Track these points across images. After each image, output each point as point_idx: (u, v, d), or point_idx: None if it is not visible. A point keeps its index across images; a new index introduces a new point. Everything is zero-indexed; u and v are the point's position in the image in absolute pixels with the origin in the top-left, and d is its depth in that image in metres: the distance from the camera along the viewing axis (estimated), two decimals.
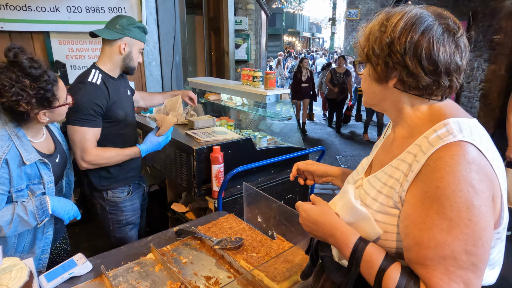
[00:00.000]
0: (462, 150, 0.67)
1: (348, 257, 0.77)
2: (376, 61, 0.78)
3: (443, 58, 0.73)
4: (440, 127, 0.73)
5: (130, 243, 1.47)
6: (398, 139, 0.86)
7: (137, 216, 1.94)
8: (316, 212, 0.86)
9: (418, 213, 0.70)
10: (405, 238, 0.73)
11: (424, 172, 0.70)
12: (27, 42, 2.72)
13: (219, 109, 3.11)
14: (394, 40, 0.74)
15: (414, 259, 0.70)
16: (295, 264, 1.20)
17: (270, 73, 2.28)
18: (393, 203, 0.77)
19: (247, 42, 6.47)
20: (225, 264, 1.30)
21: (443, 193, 0.66)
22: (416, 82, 0.75)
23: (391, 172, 0.80)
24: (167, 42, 3.44)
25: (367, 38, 0.81)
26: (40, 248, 1.43)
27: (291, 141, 2.64)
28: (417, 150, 0.74)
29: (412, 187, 0.73)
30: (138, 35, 1.74)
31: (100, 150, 1.65)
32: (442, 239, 0.66)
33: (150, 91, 3.43)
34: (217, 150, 1.88)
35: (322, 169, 1.20)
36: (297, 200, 2.43)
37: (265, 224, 1.52)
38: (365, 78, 0.86)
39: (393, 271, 0.72)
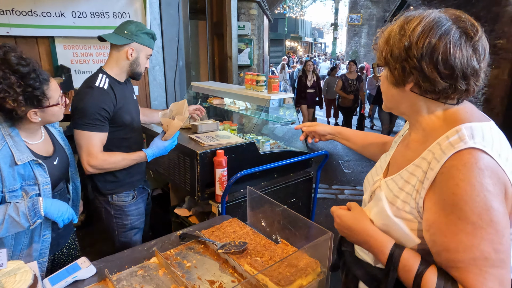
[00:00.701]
0: (473, 157, 0.70)
1: (384, 263, 0.80)
2: (393, 65, 0.80)
3: (460, 62, 0.73)
4: (452, 134, 0.75)
5: (133, 247, 1.47)
6: (412, 142, 0.89)
7: (141, 220, 1.94)
8: (350, 218, 0.88)
9: (441, 220, 0.73)
10: (433, 245, 0.76)
11: (439, 180, 0.73)
12: (33, 47, 2.75)
13: (222, 113, 3.12)
14: (412, 45, 0.75)
15: (446, 264, 0.74)
16: (299, 269, 1.19)
17: (273, 78, 2.29)
18: (409, 208, 0.80)
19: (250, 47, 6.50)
20: (229, 268, 1.30)
21: (462, 199, 0.70)
22: (432, 86, 0.77)
23: (407, 177, 0.83)
24: (170, 47, 3.46)
25: (386, 41, 0.82)
26: (38, 251, 1.41)
27: (294, 145, 2.64)
28: (431, 157, 0.77)
29: (429, 195, 0.76)
30: (146, 41, 1.74)
31: (107, 155, 1.65)
32: (469, 242, 0.70)
33: (153, 95, 3.45)
34: (221, 154, 1.88)
35: (323, 129, 1.41)
36: (300, 204, 2.43)
37: (269, 228, 1.51)
38: (383, 81, 0.88)
39: (430, 274, 0.75)
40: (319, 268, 1.22)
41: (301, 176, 2.39)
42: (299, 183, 2.36)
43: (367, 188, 1.02)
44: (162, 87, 3.52)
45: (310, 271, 1.19)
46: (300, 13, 29.01)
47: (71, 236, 1.70)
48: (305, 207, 2.48)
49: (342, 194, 4.29)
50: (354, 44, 20.24)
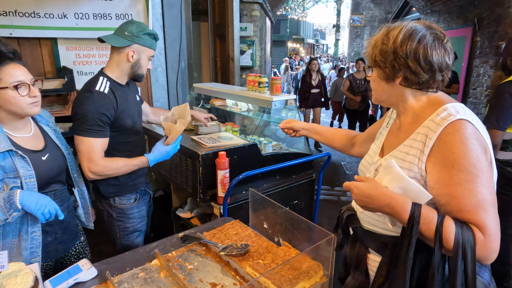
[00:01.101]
0: (463, 125, 0.91)
1: (406, 220, 0.91)
2: (384, 65, 1.01)
3: (436, 59, 0.96)
4: (441, 111, 0.96)
5: (135, 249, 1.46)
6: (404, 125, 1.08)
7: (143, 223, 1.92)
8: (368, 186, 0.97)
9: (444, 175, 0.91)
10: (441, 198, 0.92)
11: (438, 145, 0.93)
12: (35, 48, 2.76)
13: (225, 115, 3.11)
14: (397, 48, 0.97)
15: (456, 209, 0.89)
16: (301, 272, 1.18)
17: (275, 79, 2.28)
18: (413, 174, 0.98)
19: (252, 48, 6.50)
20: (231, 271, 1.29)
21: (459, 155, 0.89)
22: (417, 78, 0.98)
23: (406, 150, 1.02)
24: (172, 49, 3.46)
25: (373, 47, 1.04)
26: (27, 249, 1.36)
27: (297, 147, 2.63)
28: (427, 130, 0.97)
29: (430, 159, 0.95)
30: (148, 42, 1.68)
31: (108, 160, 1.62)
32: (471, 187, 0.87)
33: (155, 96, 3.45)
34: (223, 155, 1.88)
35: (298, 125, 1.62)
36: (302, 206, 2.42)
37: (271, 230, 1.50)
38: (374, 79, 1.09)
39: (448, 221, 0.87)
40: (322, 271, 1.21)
41: (303, 177, 2.38)
42: (301, 185, 2.35)
43: (367, 168, 1.19)
44: (164, 89, 3.52)
45: (312, 274, 1.18)
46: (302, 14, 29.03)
47: (77, 244, 1.66)
48: (307, 209, 2.47)
49: (344, 196, 4.28)
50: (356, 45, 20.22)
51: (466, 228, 0.86)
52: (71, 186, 1.62)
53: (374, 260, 1.13)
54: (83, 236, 1.72)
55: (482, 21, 5.82)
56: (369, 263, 1.15)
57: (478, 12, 5.94)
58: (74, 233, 1.61)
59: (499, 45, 5.33)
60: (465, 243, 0.84)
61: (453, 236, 0.85)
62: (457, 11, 6.61)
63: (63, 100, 2.84)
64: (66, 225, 1.54)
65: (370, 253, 1.15)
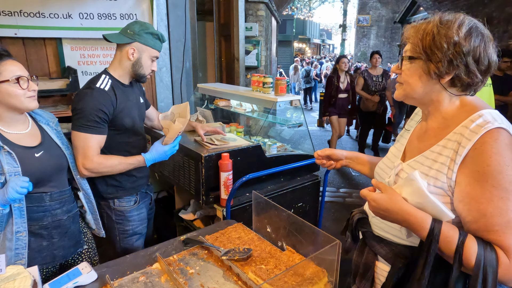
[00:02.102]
0: (501, 135, 0.83)
1: (424, 237, 0.86)
2: (438, 58, 0.88)
3: (493, 59, 0.88)
4: (476, 118, 0.87)
5: (136, 252, 1.44)
6: (432, 129, 0.99)
7: (143, 226, 1.89)
8: (385, 200, 0.91)
9: (476, 190, 0.83)
10: (468, 214, 0.85)
11: (472, 155, 0.84)
12: (40, 48, 2.75)
13: (229, 116, 3.09)
14: (460, 42, 0.85)
15: (483, 229, 0.83)
16: (305, 278, 1.15)
17: (280, 79, 2.25)
18: (440, 184, 0.90)
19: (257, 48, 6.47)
20: (233, 276, 1.26)
21: (495, 169, 0.81)
22: (469, 79, 0.89)
23: (434, 156, 0.93)
24: (177, 49, 3.45)
25: (425, 35, 0.90)
26: (12, 250, 1.33)
27: (302, 148, 2.59)
28: (459, 137, 0.88)
29: (462, 169, 0.86)
30: (150, 41, 1.67)
31: (103, 158, 1.60)
32: (505, 206, 0.81)
33: (160, 97, 3.44)
34: (226, 157, 1.85)
35: (338, 153, 1.36)
36: (307, 208, 2.38)
37: (274, 234, 1.47)
38: (412, 73, 0.95)
39: (470, 241, 0.83)
40: (326, 277, 1.18)
41: (308, 179, 2.34)
42: (306, 186, 2.32)
43: (386, 172, 1.10)
44: (168, 89, 3.51)
45: (316, 280, 1.15)
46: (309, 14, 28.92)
47: (78, 252, 1.62)
48: (313, 211, 2.43)
49: (350, 198, 4.23)
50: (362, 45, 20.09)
51: (490, 250, 0.81)
52: (77, 190, 1.60)
53: (382, 269, 1.06)
54: (88, 244, 1.68)
55: (491, 21, 5.72)
56: (376, 271, 1.08)
57: (488, 11, 5.85)
58: (74, 240, 1.57)
59: (509, 45, 5.24)
60: (487, 265, 0.80)
61: (475, 258, 0.81)
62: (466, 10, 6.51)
63: (67, 100, 2.84)
64: (65, 229, 1.50)
65: (379, 261, 1.08)
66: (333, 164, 1.37)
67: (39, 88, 2.42)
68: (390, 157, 1.13)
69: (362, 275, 1.09)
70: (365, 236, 1.11)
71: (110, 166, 1.62)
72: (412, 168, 0.97)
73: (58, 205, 1.46)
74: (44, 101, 2.79)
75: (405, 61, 0.96)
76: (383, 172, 1.12)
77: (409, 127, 1.14)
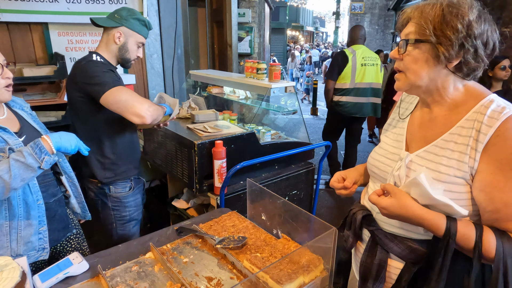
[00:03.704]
0: None
1: (441, 236, 0.84)
2: (449, 42, 0.82)
3: (497, 44, 0.86)
4: (489, 103, 0.85)
5: (128, 241, 1.41)
6: (439, 117, 0.94)
7: (139, 212, 1.90)
8: (396, 207, 0.87)
9: (498, 179, 0.81)
10: (490, 204, 0.83)
11: (495, 142, 0.81)
12: (26, 34, 2.66)
13: (222, 103, 3.04)
14: (472, 24, 0.81)
15: (504, 218, 0.82)
16: (301, 266, 1.13)
17: (274, 65, 2.21)
18: (461, 173, 0.86)
19: (250, 35, 6.37)
20: (228, 264, 1.24)
21: None
22: (476, 64, 0.85)
23: (450, 146, 0.88)
24: (168, 35, 3.36)
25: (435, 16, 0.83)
26: (36, 218, 1.34)
27: (296, 135, 2.57)
28: (476, 124, 0.84)
29: (483, 157, 0.83)
30: (136, 27, 1.70)
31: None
32: None
33: (151, 84, 3.37)
34: (220, 145, 1.82)
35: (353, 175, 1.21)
36: (302, 196, 2.37)
37: (269, 222, 1.45)
38: (417, 59, 0.87)
39: (488, 235, 0.82)
40: (322, 265, 1.17)
41: (302, 167, 2.32)
42: (300, 174, 2.30)
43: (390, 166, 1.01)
44: (160, 76, 3.44)
45: (312, 268, 1.14)
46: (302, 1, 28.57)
47: (72, 239, 1.60)
48: (307, 199, 2.43)
49: None
50: None
51: (507, 241, 0.80)
52: (59, 174, 1.56)
53: (395, 267, 1.00)
54: (76, 229, 1.66)
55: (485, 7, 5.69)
56: (389, 270, 1.02)
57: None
58: (63, 223, 1.55)
59: (503, 32, 5.23)
60: (507, 256, 0.79)
61: (494, 250, 0.80)
62: None
63: (55, 88, 2.76)
64: (52, 213, 1.47)
65: (391, 258, 1.02)
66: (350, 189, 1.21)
67: (26, 75, 2.38)
68: (388, 148, 1.05)
69: (375, 276, 1.03)
70: (374, 235, 1.03)
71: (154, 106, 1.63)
72: (423, 159, 0.92)
73: (43, 189, 1.42)
74: (31, 88, 2.71)
75: (410, 45, 0.88)
76: (383, 165, 1.04)
77: (401, 115, 1.08)
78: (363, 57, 3.54)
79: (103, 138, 1.70)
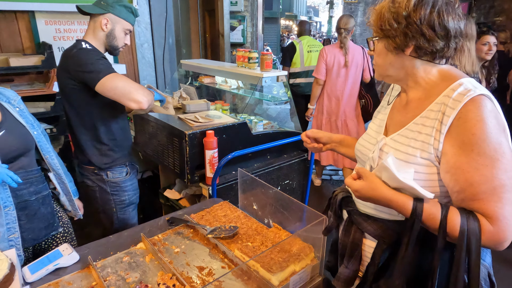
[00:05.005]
0: (484, 102, 0.84)
1: (408, 216, 0.88)
2: (394, 33, 0.92)
3: (452, 24, 0.89)
4: (457, 86, 0.88)
5: (120, 232, 1.41)
6: (413, 101, 0.99)
7: (137, 196, 1.93)
8: (366, 189, 0.92)
9: (461, 160, 0.84)
10: (455, 184, 0.86)
11: (457, 124, 0.85)
12: (12, 23, 2.59)
13: (214, 93, 3.02)
14: (410, 14, 0.88)
15: (470, 197, 0.84)
16: (292, 254, 1.14)
17: (266, 54, 2.18)
18: (427, 155, 0.90)
19: (243, 24, 6.29)
20: (219, 254, 1.24)
21: (480, 137, 0.82)
22: (431, 46, 0.90)
23: (419, 128, 0.93)
24: (159, 24, 3.31)
25: (380, 16, 0.94)
26: (3, 225, 1.28)
27: (289, 125, 2.56)
28: (442, 107, 0.89)
29: (447, 139, 0.87)
30: (123, 14, 1.69)
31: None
32: (490, 173, 0.82)
33: (142, 74, 3.33)
34: (211, 134, 1.80)
35: (327, 136, 1.31)
36: (294, 186, 2.38)
37: (260, 211, 1.45)
38: (380, 52, 0.99)
39: (453, 214, 0.84)
40: (313, 253, 1.17)
41: (295, 157, 2.32)
42: (293, 164, 2.30)
43: (368, 149, 1.08)
44: (151, 66, 3.39)
45: (303, 256, 1.14)
46: None
47: (52, 236, 1.56)
48: (299, 189, 2.43)
49: (337, 175, 4.26)
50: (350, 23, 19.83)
51: (473, 220, 0.83)
52: (47, 171, 1.53)
53: (369, 246, 1.05)
54: (64, 227, 1.61)
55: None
56: (364, 249, 1.07)
57: None
58: (46, 222, 1.49)
59: (495, 21, 5.24)
60: (470, 234, 0.82)
61: (458, 228, 0.83)
62: None
63: (44, 78, 2.70)
64: (33, 211, 1.42)
65: (366, 238, 1.07)
66: (320, 147, 1.32)
67: (13, 65, 2.32)
68: (371, 133, 1.11)
69: (350, 254, 1.08)
70: (351, 215, 1.10)
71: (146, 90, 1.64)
72: (396, 142, 0.97)
73: (24, 186, 1.37)
74: (19, 79, 2.65)
75: (370, 42, 1.01)
76: (364, 149, 1.10)
77: (388, 102, 1.13)
78: (309, 45, 4.27)
79: (98, 125, 1.71)
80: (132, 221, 1.92)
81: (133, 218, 1.93)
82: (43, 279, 1.13)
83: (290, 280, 1.08)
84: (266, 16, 14.76)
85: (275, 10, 21.04)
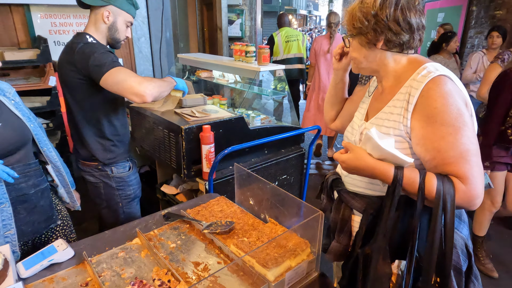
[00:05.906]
0: (443, 80, 0.97)
1: (390, 183, 0.98)
2: (365, 30, 1.05)
3: (414, 20, 1.02)
4: (421, 70, 1.02)
5: (115, 228, 1.40)
6: (387, 88, 1.13)
7: (140, 189, 1.95)
8: (352, 159, 1.02)
9: (428, 131, 0.96)
10: (426, 154, 0.97)
11: (421, 101, 0.98)
12: (6, 16, 2.57)
13: (212, 87, 3.00)
14: (378, 12, 1.01)
15: (441, 163, 0.95)
16: (288, 249, 1.13)
17: (263, 48, 2.16)
18: (398, 132, 1.02)
19: (241, 18, 6.24)
20: (215, 249, 1.24)
21: (441, 109, 0.94)
22: (398, 39, 1.03)
23: (390, 110, 1.06)
24: (156, 17, 3.28)
25: (352, 15, 1.08)
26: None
27: (286, 120, 2.55)
28: (409, 89, 1.01)
29: (414, 116, 0.99)
30: (124, 6, 1.67)
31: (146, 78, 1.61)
32: (454, 140, 0.93)
33: (139, 68, 3.30)
34: (207, 129, 1.79)
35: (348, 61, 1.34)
36: (291, 181, 2.37)
37: (257, 207, 1.45)
38: (354, 48, 1.12)
39: (430, 177, 0.94)
40: (309, 248, 1.17)
41: (292, 152, 2.31)
42: (290, 159, 2.29)
43: (352, 134, 1.23)
44: (148, 60, 3.36)
45: (299, 251, 1.14)
46: None
47: (51, 229, 1.56)
48: (297, 184, 2.43)
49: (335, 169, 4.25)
50: None
51: (447, 181, 0.92)
52: (45, 164, 1.52)
53: (358, 222, 1.16)
54: (62, 220, 1.61)
55: None
56: (353, 225, 1.19)
57: None
58: (45, 215, 1.49)
59: (495, 15, 5.21)
60: (446, 194, 0.91)
61: (435, 190, 0.92)
62: None
63: (39, 72, 2.69)
64: (32, 204, 1.42)
65: (354, 214, 1.19)
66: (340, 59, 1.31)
67: (8, 59, 2.30)
68: (356, 121, 1.25)
69: (340, 229, 1.20)
70: (340, 194, 1.22)
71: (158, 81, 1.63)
72: (373, 125, 1.10)
73: (22, 179, 1.36)
74: (14, 73, 2.63)
75: (346, 40, 1.14)
76: (350, 134, 1.25)
77: (369, 93, 1.27)
78: (287, 36, 4.76)
79: (102, 119, 1.71)
80: (137, 215, 1.94)
81: (138, 212, 1.95)
82: (37, 274, 1.12)
83: (285, 276, 1.07)
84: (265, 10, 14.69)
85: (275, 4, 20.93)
